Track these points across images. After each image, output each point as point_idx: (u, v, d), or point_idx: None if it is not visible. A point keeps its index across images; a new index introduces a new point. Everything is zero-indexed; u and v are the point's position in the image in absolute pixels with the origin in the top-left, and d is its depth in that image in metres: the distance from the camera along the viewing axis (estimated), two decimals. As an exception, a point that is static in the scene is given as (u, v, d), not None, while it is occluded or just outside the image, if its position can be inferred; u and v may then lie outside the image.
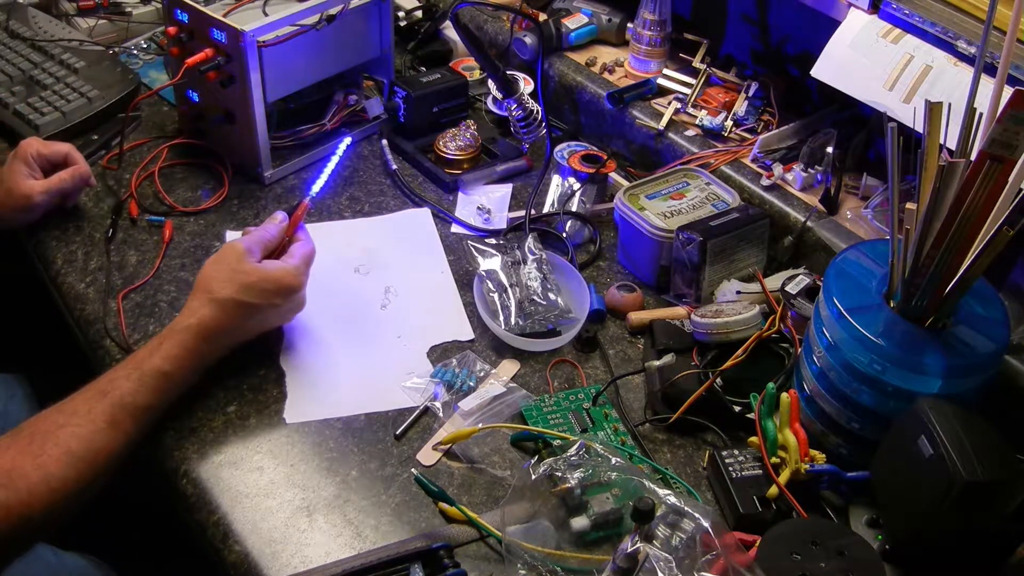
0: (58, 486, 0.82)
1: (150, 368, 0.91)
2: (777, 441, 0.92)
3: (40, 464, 0.82)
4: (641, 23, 1.39)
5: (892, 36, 1.14)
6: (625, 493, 0.88)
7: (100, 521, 1.23)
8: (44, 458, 0.82)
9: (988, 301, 0.91)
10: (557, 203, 1.29)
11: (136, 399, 0.89)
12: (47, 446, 0.83)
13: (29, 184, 1.15)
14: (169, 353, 0.93)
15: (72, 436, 0.84)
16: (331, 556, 0.86)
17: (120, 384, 0.90)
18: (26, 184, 1.15)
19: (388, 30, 1.38)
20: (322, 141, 1.36)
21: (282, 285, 0.99)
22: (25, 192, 1.15)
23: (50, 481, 0.81)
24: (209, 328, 0.95)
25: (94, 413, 0.86)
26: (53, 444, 0.83)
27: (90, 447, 0.85)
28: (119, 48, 1.53)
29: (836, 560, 0.81)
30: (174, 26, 1.23)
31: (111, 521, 1.26)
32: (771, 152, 1.26)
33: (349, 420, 1.00)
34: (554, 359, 1.08)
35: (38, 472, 0.81)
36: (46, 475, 0.81)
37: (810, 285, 1.07)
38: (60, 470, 0.82)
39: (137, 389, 0.90)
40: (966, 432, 0.79)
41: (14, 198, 1.15)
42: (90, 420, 0.86)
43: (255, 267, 0.98)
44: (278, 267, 1.00)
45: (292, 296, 1.01)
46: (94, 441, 0.85)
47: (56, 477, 0.82)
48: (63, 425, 0.85)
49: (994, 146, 0.78)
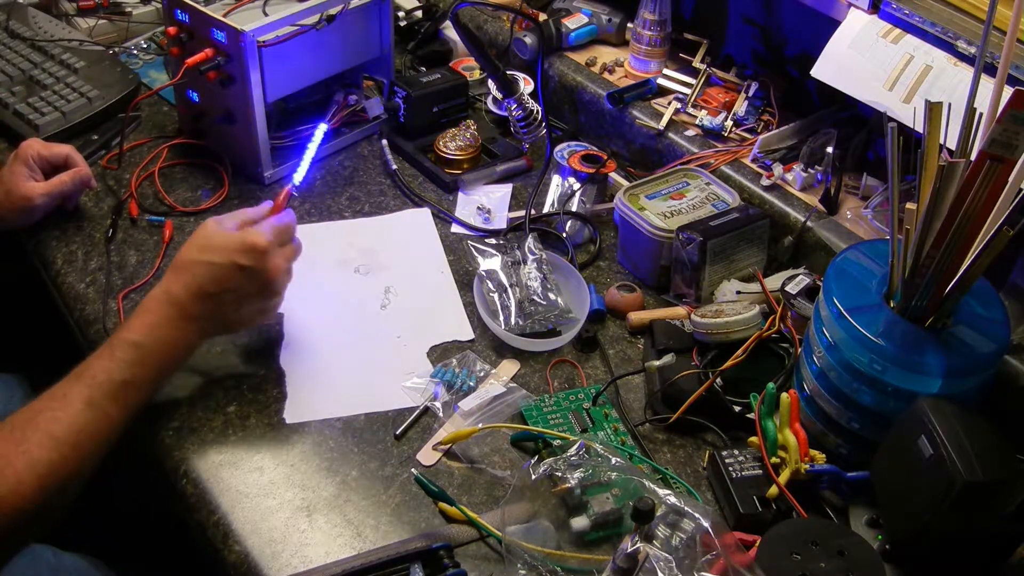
0: (44, 471, 0.82)
1: (119, 341, 0.90)
2: (777, 441, 0.92)
3: (24, 451, 0.82)
4: (641, 23, 1.39)
5: (892, 36, 1.14)
6: (625, 493, 0.88)
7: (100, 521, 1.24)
8: (27, 445, 0.82)
9: (988, 301, 0.91)
10: (557, 203, 1.29)
11: (111, 375, 0.88)
12: (28, 432, 0.83)
13: (29, 186, 1.15)
14: (137, 323, 0.91)
15: (52, 420, 0.84)
16: (331, 556, 0.86)
17: (93, 364, 0.89)
18: (26, 186, 1.15)
19: (388, 30, 1.38)
20: (322, 141, 1.35)
21: (244, 242, 0.94)
22: (25, 194, 1.15)
23: (36, 467, 0.81)
24: (174, 293, 0.93)
25: (71, 396, 0.86)
26: (33, 430, 0.83)
27: (70, 429, 0.84)
28: (119, 48, 1.53)
29: (836, 560, 0.81)
30: (174, 26, 1.23)
31: (111, 521, 1.26)
32: (771, 152, 1.26)
33: (349, 420, 1.00)
34: (554, 359, 1.08)
35: (23, 459, 0.81)
36: (31, 461, 0.81)
37: (810, 285, 1.07)
38: (44, 454, 0.82)
39: (110, 366, 0.89)
40: (966, 432, 0.79)
41: (13, 200, 1.15)
42: (67, 403, 0.86)
43: (219, 231, 0.96)
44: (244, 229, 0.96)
45: (258, 258, 0.94)
46: (74, 423, 0.85)
47: (41, 462, 0.82)
48: (41, 411, 0.85)
49: (994, 146, 0.78)
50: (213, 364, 1.04)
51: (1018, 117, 0.76)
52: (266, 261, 0.95)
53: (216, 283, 0.93)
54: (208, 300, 0.94)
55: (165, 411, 0.98)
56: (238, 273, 0.94)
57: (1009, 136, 0.77)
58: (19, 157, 1.17)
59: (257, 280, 0.95)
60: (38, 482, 0.81)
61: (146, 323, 0.91)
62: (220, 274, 0.93)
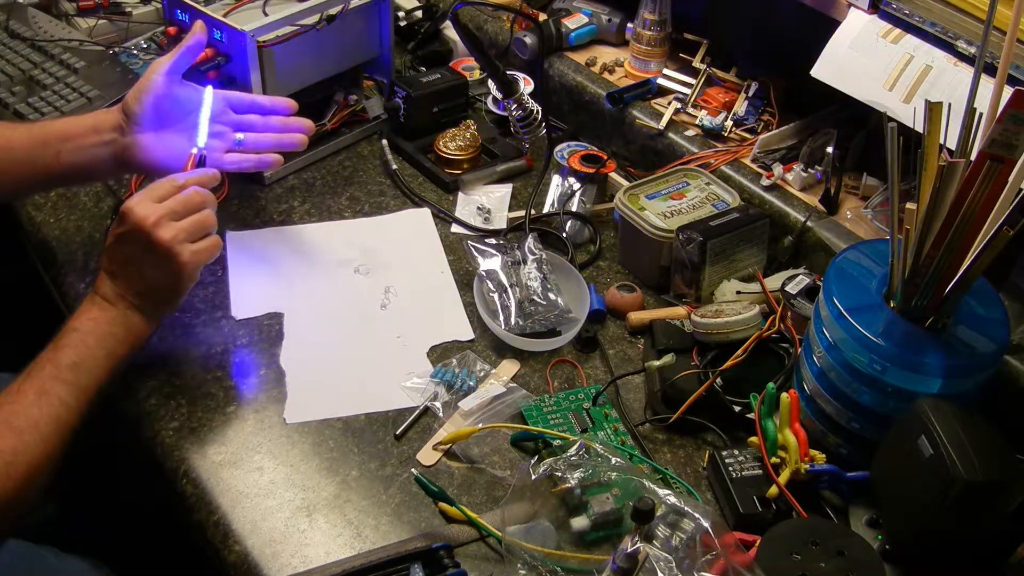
0: (10, 459, 0.83)
1: (61, 333, 0.93)
2: (777, 441, 0.92)
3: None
4: (641, 23, 1.39)
5: (892, 36, 1.14)
6: (625, 493, 0.88)
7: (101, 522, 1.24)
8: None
9: (988, 301, 0.91)
10: (557, 203, 1.29)
11: (56, 362, 0.90)
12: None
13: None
14: (75, 314, 0.95)
15: (9, 413, 0.86)
16: (331, 556, 0.86)
17: (41, 357, 0.92)
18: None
19: (388, 30, 1.38)
20: (322, 141, 1.36)
21: (122, 212, 0.95)
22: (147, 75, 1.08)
23: (1, 455, 0.83)
24: (96, 286, 0.96)
25: (23, 390, 0.89)
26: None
27: (28, 418, 0.86)
28: (119, 48, 1.53)
29: (836, 560, 0.81)
30: (174, 26, 1.23)
31: (111, 522, 1.26)
32: (771, 152, 1.26)
33: (349, 420, 1.00)
34: (554, 359, 1.08)
35: None
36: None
37: (810, 285, 1.07)
38: (7, 443, 0.84)
39: (54, 355, 0.91)
40: (966, 432, 0.79)
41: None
42: (21, 396, 0.88)
43: None
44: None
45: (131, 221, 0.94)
46: (30, 412, 0.87)
47: (5, 451, 0.84)
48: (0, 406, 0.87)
49: (994, 146, 0.78)
50: (213, 364, 1.04)
51: (1018, 117, 0.76)
52: (138, 222, 0.94)
53: (113, 262, 0.96)
54: (117, 280, 0.96)
55: (165, 411, 0.98)
56: (121, 244, 0.96)
57: (1009, 136, 0.77)
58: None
59: (139, 242, 0.95)
60: (4, 470, 0.83)
61: (81, 311, 0.95)
62: (112, 251, 0.96)
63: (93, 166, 1.08)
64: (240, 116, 1.13)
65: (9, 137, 1.06)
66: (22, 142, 1.06)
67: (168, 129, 1.08)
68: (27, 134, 1.07)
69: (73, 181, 1.20)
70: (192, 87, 1.10)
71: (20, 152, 1.06)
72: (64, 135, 1.07)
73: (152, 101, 1.06)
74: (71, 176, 1.12)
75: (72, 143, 1.06)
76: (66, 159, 1.06)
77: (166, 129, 1.08)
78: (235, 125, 1.13)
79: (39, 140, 1.06)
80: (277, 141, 1.13)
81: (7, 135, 1.06)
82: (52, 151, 1.06)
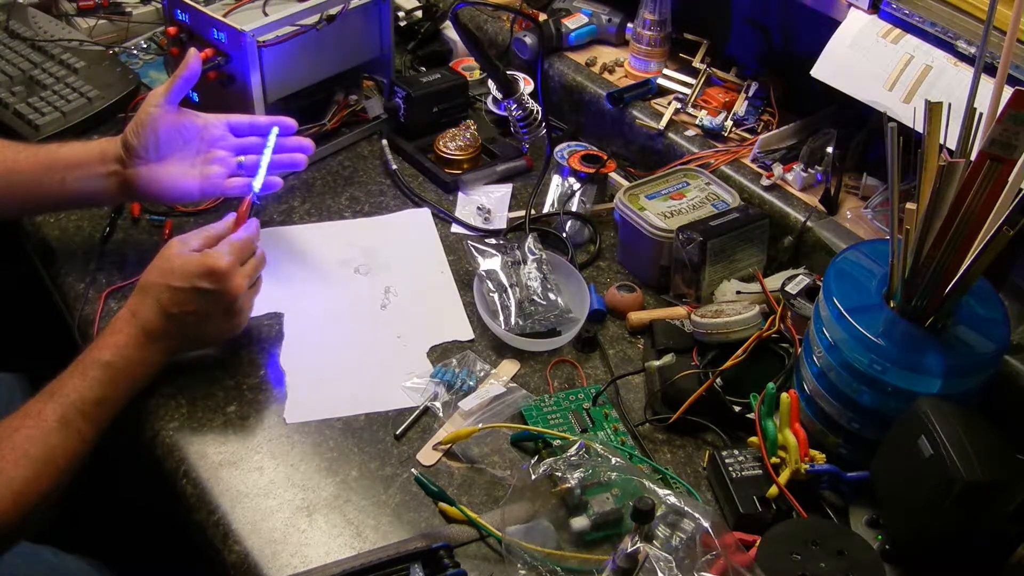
0: (20, 488, 0.83)
1: (91, 360, 0.92)
2: (777, 441, 0.92)
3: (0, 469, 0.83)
4: (641, 23, 1.39)
5: (892, 36, 1.14)
6: (625, 493, 0.88)
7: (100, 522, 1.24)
8: (2, 463, 0.84)
9: (988, 301, 0.91)
10: (557, 203, 1.29)
11: (83, 394, 0.90)
12: (4, 451, 0.84)
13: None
14: (107, 343, 0.93)
15: (27, 439, 0.86)
16: (331, 556, 0.86)
17: (66, 382, 0.90)
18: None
19: (388, 30, 1.38)
20: (322, 141, 1.36)
21: (204, 266, 0.95)
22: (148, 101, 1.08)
23: (12, 484, 0.83)
24: (140, 314, 0.95)
25: (44, 414, 0.87)
26: (10, 448, 0.85)
27: (45, 447, 0.86)
28: (119, 48, 1.53)
29: (836, 560, 0.81)
30: (174, 26, 1.23)
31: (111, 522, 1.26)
32: (771, 152, 1.26)
33: (349, 420, 1.00)
34: (554, 359, 1.08)
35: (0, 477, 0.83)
36: (8, 479, 0.83)
37: (810, 285, 1.07)
38: (20, 472, 0.84)
39: (82, 385, 0.90)
40: (966, 432, 0.79)
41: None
42: (41, 421, 0.87)
43: (180, 253, 0.97)
44: (204, 252, 0.97)
45: (220, 280, 0.95)
46: (48, 441, 0.86)
47: (17, 479, 0.83)
48: (17, 429, 0.86)
49: (994, 146, 0.78)
50: (213, 364, 1.04)
51: (1018, 117, 0.76)
52: (226, 282, 0.96)
53: (178, 305, 0.95)
54: (171, 321, 0.95)
55: (165, 411, 0.98)
56: (199, 296, 0.96)
57: (1009, 136, 0.77)
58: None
59: (219, 301, 0.97)
60: (14, 499, 0.83)
61: (115, 343, 0.93)
62: (181, 297, 0.95)
63: (97, 194, 1.09)
64: (240, 139, 1.14)
65: (15, 159, 1.06)
66: (28, 165, 1.06)
67: (169, 159, 1.09)
68: (33, 158, 1.07)
69: (76, 206, 1.21)
70: (191, 114, 1.10)
71: (25, 175, 1.06)
72: (70, 162, 1.07)
73: (150, 133, 1.06)
74: (74, 202, 1.14)
75: (78, 171, 1.07)
76: (71, 186, 1.07)
77: (167, 159, 1.09)
78: (236, 149, 1.13)
79: (45, 165, 1.06)
80: (278, 163, 1.14)
81: (13, 157, 1.07)
82: (58, 177, 1.06)
